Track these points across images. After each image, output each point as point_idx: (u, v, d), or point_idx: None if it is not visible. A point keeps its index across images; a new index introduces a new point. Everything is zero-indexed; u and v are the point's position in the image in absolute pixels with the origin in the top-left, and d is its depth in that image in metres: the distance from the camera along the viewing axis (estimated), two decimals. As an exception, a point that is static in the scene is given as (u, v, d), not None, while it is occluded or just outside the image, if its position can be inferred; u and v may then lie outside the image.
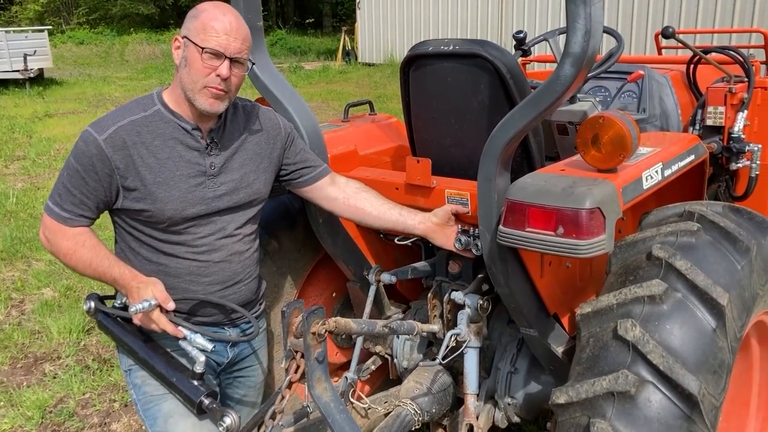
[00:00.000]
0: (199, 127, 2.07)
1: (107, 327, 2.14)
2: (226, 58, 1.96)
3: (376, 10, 19.29)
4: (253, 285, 2.27)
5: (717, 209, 2.22)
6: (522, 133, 1.98)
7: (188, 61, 1.98)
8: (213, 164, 2.08)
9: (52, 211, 2.01)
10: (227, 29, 1.95)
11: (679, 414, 1.77)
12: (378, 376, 3.09)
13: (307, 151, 2.36)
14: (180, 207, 2.03)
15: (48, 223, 2.03)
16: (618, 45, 2.91)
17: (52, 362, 4.26)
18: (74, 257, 2.02)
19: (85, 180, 1.97)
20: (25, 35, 16.16)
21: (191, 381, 2.00)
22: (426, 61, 2.50)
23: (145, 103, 2.06)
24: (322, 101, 13.86)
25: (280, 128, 2.27)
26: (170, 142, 2.03)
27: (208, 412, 1.98)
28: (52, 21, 27.60)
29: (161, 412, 2.10)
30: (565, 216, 1.86)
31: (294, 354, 2.03)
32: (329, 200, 2.37)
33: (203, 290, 2.13)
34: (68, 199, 2.00)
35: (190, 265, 2.10)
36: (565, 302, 2.43)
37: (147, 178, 1.99)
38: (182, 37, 2.00)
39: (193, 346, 1.99)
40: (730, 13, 12.03)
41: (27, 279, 5.54)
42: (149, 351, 2.07)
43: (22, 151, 10.21)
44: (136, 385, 2.15)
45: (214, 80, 1.96)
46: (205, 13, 1.97)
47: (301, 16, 32.88)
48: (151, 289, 1.96)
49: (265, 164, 2.21)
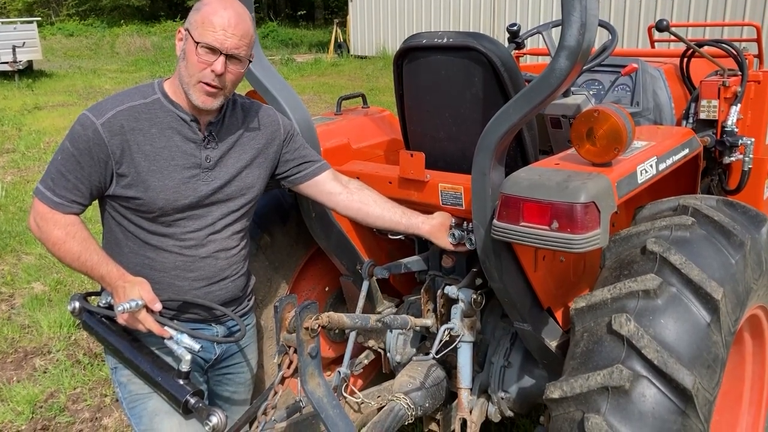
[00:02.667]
0: (198, 119, 2.04)
1: (92, 327, 2.10)
2: (221, 54, 1.92)
3: (369, 2, 19.23)
4: (240, 282, 2.24)
5: (711, 203, 2.21)
6: (516, 126, 1.96)
7: (186, 54, 1.95)
8: (209, 157, 2.06)
9: (44, 195, 1.97)
10: (225, 25, 1.91)
11: (674, 408, 1.77)
12: (371, 371, 3.08)
13: (306, 147, 2.33)
14: (172, 197, 2.01)
15: (39, 209, 1.98)
16: (612, 38, 2.91)
17: (43, 357, 4.23)
18: (63, 248, 1.98)
19: (81, 164, 1.94)
20: (13, 27, 16.01)
21: (177, 380, 1.98)
22: (419, 54, 2.48)
23: (145, 91, 2.04)
24: (315, 94, 13.82)
25: (279, 126, 2.25)
26: (167, 131, 2.00)
27: (194, 412, 1.95)
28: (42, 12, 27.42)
29: (147, 410, 2.08)
30: (559, 210, 1.85)
31: (287, 349, 2.02)
32: (330, 195, 2.34)
33: (189, 285, 2.10)
34: (62, 184, 1.95)
35: (176, 260, 2.08)
36: (559, 297, 2.43)
37: (141, 165, 1.97)
38: (185, 29, 1.97)
39: (179, 345, 1.97)
40: (722, 6, 12.05)
41: (17, 273, 5.50)
42: (134, 351, 2.04)
43: (12, 143, 10.14)
44: (121, 384, 2.12)
45: (209, 75, 1.93)
46: (207, 7, 1.94)
47: (292, 8, 32.74)
48: (138, 289, 1.93)
49: (260, 161, 2.19)
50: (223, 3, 1.95)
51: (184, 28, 1.97)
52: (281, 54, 20.88)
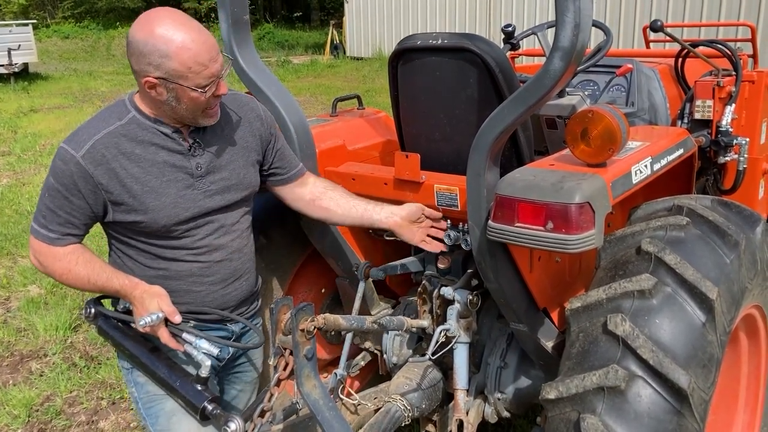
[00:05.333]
0: (180, 129, 2.00)
1: (107, 332, 2.10)
2: (218, 78, 1.90)
3: (365, 4, 19.22)
4: (252, 279, 2.26)
5: (706, 203, 2.22)
6: (511, 127, 1.96)
7: (181, 100, 1.88)
8: (199, 165, 2.02)
9: (39, 233, 1.95)
10: (204, 54, 1.82)
11: (669, 408, 1.77)
12: (367, 372, 3.08)
13: (285, 148, 2.31)
14: (173, 213, 1.98)
15: (36, 246, 1.97)
16: (606, 38, 2.91)
17: (39, 360, 4.22)
18: (70, 276, 1.97)
19: (69, 199, 1.91)
20: (9, 29, 15.98)
21: (195, 385, 1.98)
22: (414, 55, 2.48)
23: (119, 111, 1.96)
24: (310, 95, 13.81)
25: (261, 118, 2.21)
26: (151, 148, 1.95)
27: (211, 418, 1.96)
28: (37, 15, 27.36)
29: (164, 410, 2.08)
30: (554, 211, 1.85)
31: (282, 351, 2.02)
32: (296, 201, 2.35)
33: (206, 290, 2.10)
34: (53, 220, 1.93)
35: (192, 267, 2.07)
36: (555, 297, 2.43)
37: (134, 189, 1.93)
38: (157, 78, 1.83)
39: (198, 351, 1.97)
40: (717, 6, 12.07)
41: (13, 276, 5.49)
42: (151, 356, 2.04)
43: (7, 146, 10.11)
44: (138, 383, 2.12)
45: (215, 102, 1.94)
46: (173, 47, 1.79)
47: (288, 10, 32.71)
48: (157, 301, 1.93)
49: (249, 153, 2.16)
50: (183, 28, 1.81)
51: (155, 77, 1.82)
52: (277, 55, 20.88)
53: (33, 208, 2.01)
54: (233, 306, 2.19)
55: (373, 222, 2.35)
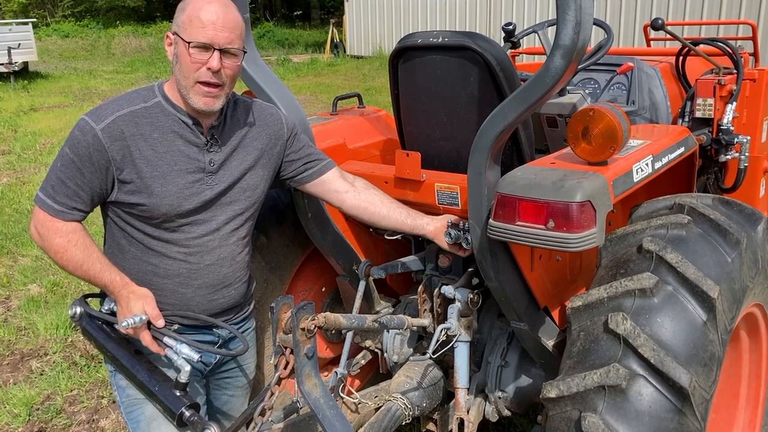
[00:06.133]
0: (200, 122, 2.01)
1: (90, 333, 2.08)
2: (215, 50, 1.89)
3: (365, 2, 19.22)
4: (242, 289, 2.22)
5: (707, 202, 2.21)
6: (512, 126, 1.96)
7: (179, 58, 1.92)
8: (212, 161, 2.03)
9: (45, 203, 1.94)
10: (213, 19, 1.88)
11: (670, 407, 1.77)
12: (368, 371, 3.08)
13: (310, 146, 2.31)
14: (176, 203, 1.98)
15: (40, 217, 1.96)
16: (607, 37, 2.91)
17: (39, 359, 4.22)
18: (65, 256, 1.96)
19: (81, 171, 1.91)
20: (9, 28, 15.96)
21: (173, 391, 1.95)
22: (415, 54, 2.48)
23: (145, 95, 2.00)
24: (311, 94, 13.81)
25: (283, 124, 2.22)
26: (170, 135, 1.97)
27: (188, 425, 1.92)
28: (37, 14, 27.36)
29: (144, 415, 2.07)
30: (555, 209, 1.85)
31: (283, 350, 2.01)
32: (338, 193, 2.32)
33: (192, 293, 2.09)
34: (62, 191, 1.92)
35: (180, 267, 2.06)
36: (556, 296, 2.43)
37: (144, 171, 1.94)
38: (173, 33, 1.93)
39: (179, 355, 1.94)
40: (718, 5, 12.07)
41: (13, 275, 5.49)
42: (132, 360, 2.01)
43: (7, 145, 10.10)
44: (120, 387, 2.11)
45: (206, 74, 1.90)
46: (191, 5, 1.90)
47: (288, 8, 32.73)
48: (142, 303, 1.92)
49: (264, 161, 2.16)
50: None
51: (172, 31, 1.94)
52: (277, 54, 20.87)
53: (33, 207, 2.00)
54: (218, 312, 2.16)
55: (416, 227, 2.34)
